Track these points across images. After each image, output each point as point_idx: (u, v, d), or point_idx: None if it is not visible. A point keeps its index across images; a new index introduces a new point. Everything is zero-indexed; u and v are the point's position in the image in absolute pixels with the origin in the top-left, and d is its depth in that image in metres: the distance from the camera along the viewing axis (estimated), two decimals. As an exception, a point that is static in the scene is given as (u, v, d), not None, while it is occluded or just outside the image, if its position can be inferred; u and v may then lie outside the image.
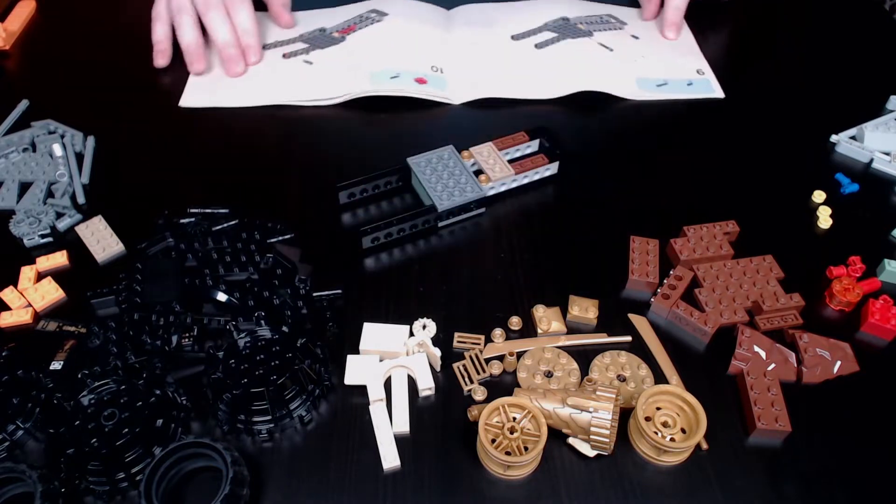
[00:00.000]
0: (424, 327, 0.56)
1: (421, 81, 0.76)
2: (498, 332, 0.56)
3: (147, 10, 0.84)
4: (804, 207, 0.67)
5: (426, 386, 0.52)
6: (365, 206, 0.66)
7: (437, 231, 0.64)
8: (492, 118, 0.75)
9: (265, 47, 0.83)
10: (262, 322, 0.53)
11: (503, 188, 0.67)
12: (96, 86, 0.79)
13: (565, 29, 0.83)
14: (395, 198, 0.67)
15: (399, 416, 0.51)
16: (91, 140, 0.71)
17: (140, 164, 0.71)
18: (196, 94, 0.77)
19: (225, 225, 0.62)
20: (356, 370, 0.53)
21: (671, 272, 0.60)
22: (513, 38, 0.83)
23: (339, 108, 0.76)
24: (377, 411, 0.51)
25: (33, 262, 0.60)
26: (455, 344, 0.56)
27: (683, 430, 0.50)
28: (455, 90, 0.77)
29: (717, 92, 0.79)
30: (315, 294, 0.58)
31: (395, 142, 0.73)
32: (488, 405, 0.49)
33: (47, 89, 0.78)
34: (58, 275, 0.60)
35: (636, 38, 0.85)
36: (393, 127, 0.75)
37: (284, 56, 0.82)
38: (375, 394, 0.52)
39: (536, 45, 0.82)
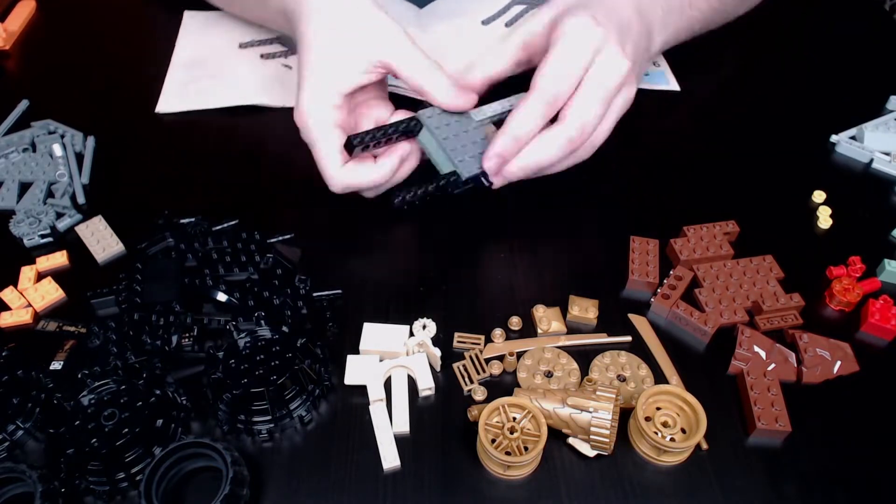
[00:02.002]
0: (424, 327, 0.56)
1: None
2: (498, 332, 0.56)
3: (146, 8, 0.84)
4: (804, 207, 0.67)
5: (426, 386, 0.52)
6: (374, 148, 0.62)
7: (453, 194, 0.60)
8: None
9: (241, 46, 0.82)
10: (262, 322, 0.53)
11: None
12: (96, 86, 0.79)
13: None
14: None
15: (399, 416, 0.51)
16: (91, 140, 0.71)
17: (140, 164, 0.71)
18: (171, 99, 0.77)
19: (225, 225, 0.62)
20: (356, 370, 0.53)
21: (671, 272, 0.60)
22: (483, 22, 0.82)
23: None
24: (377, 411, 0.51)
25: (33, 262, 0.60)
26: (455, 344, 0.56)
27: (683, 430, 0.50)
28: None
29: (672, 84, 0.79)
30: (315, 294, 0.58)
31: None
32: (488, 405, 0.49)
33: (47, 89, 0.78)
34: (58, 275, 0.60)
35: None
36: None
37: (262, 57, 0.81)
38: (375, 394, 0.52)
39: (506, 24, 0.80)
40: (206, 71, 0.80)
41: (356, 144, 0.59)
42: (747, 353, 0.54)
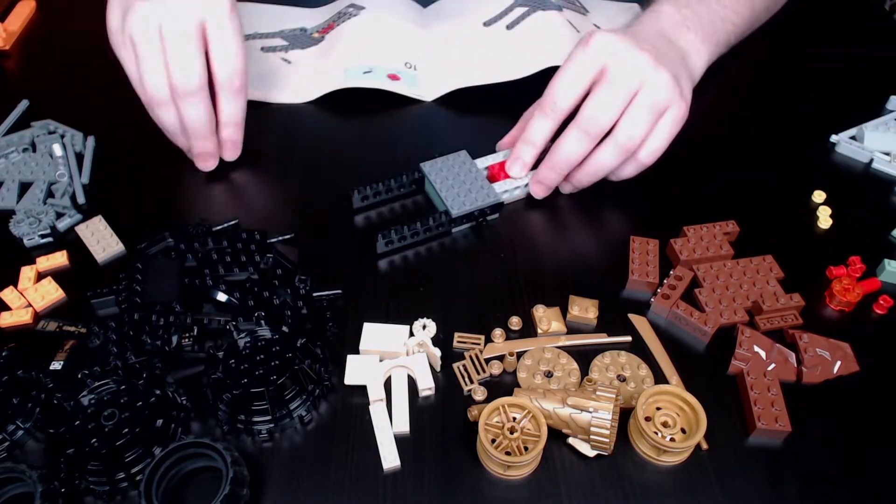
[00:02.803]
0: (424, 327, 0.56)
1: (394, 78, 0.76)
2: (498, 332, 0.56)
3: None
4: (804, 207, 0.67)
5: (426, 386, 0.52)
6: (377, 208, 0.66)
7: (449, 234, 0.64)
8: (481, 117, 0.75)
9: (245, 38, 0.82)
10: (262, 322, 0.53)
11: (517, 192, 0.66)
12: (96, 86, 0.79)
13: (536, 0, 0.82)
14: (408, 201, 0.67)
15: (399, 416, 0.51)
16: (91, 140, 0.71)
17: (140, 164, 0.71)
18: None
19: (225, 225, 0.62)
20: (356, 370, 0.53)
21: (671, 272, 0.60)
22: (485, 24, 0.82)
23: (331, 106, 0.75)
24: (377, 411, 0.51)
25: (33, 262, 0.60)
26: (455, 344, 0.56)
27: (683, 430, 0.50)
28: (427, 87, 0.77)
29: None
30: (315, 294, 0.58)
31: (401, 140, 0.73)
32: (488, 405, 0.49)
33: (47, 89, 0.78)
34: (58, 275, 0.60)
35: (598, 27, 0.84)
36: (384, 125, 0.75)
37: (262, 49, 0.81)
38: (375, 394, 0.52)
39: (507, 27, 0.80)
40: None
41: (362, 201, 0.64)
42: (747, 353, 0.54)
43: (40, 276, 0.60)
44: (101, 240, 0.62)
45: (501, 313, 0.58)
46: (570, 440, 0.49)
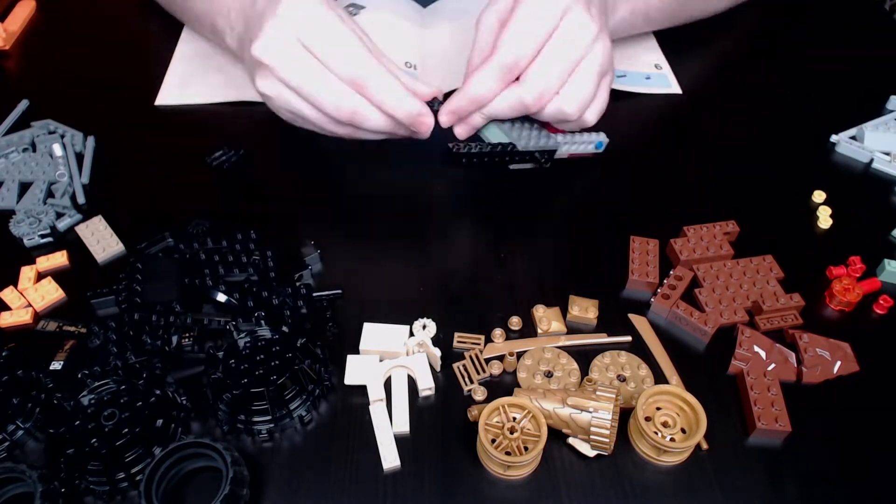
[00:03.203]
0: (424, 327, 0.56)
1: None
2: (498, 332, 0.56)
3: (147, 10, 0.84)
4: (804, 207, 0.67)
5: (426, 386, 0.52)
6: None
7: (507, 166, 0.63)
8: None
9: None
10: (262, 322, 0.53)
11: (565, 148, 0.66)
12: (96, 86, 0.79)
13: None
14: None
15: (399, 416, 0.51)
16: (91, 140, 0.71)
17: (140, 164, 0.71)
18: (172, 91, 0.77)
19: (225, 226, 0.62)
20: (356, 370, 0.53)
21: (671, 272, 0.60)
22: None
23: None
24: (377, 411, 0.51)
25: (33, 262, 0.60)
26: (455, 344, 0.56)
27: (683, 430, 0.50)
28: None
29: (674, 87, 0.79)
30: (315, 294, 0.58)
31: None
32: (488, 405, 0.49)
33: (47, 89, 0.78)
34: (58, 275, 0.60)
35: None
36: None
37: None
38: (375, 394, 0.52)
39: None
40: (207, 64, 0.80)
41: (462, 156, 0.62)
42: (747, 353, 0.54)
43: (40, 276, 0.60)
44: (101, 240, 0.62)
45: (501, 313, 0.58)
46: (570, 440, 0.49)
